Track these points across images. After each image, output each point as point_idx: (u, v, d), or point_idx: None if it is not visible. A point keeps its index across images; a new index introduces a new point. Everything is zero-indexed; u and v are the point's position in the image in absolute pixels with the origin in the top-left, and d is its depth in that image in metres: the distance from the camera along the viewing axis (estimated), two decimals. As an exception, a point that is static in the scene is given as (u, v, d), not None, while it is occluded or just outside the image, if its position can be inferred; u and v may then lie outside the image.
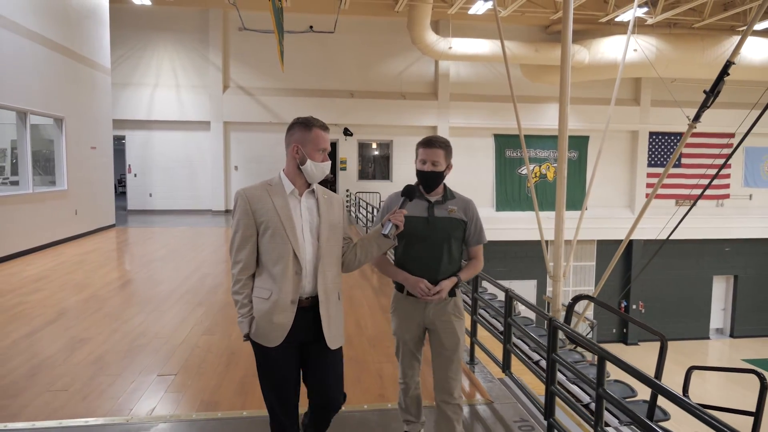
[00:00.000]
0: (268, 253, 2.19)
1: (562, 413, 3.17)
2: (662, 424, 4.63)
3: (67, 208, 10.13)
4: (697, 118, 6.09)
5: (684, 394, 4.67)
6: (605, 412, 4.43)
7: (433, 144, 2.52)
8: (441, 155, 2.50)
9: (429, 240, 2.50)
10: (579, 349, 5.55)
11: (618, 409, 2.84)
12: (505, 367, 3.53)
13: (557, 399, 2.81)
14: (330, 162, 2.30)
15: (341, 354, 2.34)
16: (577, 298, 4.41)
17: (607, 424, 4.22)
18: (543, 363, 4.10)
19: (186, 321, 5.20)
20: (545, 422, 2.78)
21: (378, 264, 2.63)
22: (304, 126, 2.23)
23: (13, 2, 8.39)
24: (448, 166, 2.56)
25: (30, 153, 8.90)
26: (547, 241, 10.02)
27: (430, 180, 2.52)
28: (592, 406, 4.25)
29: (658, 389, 2.68)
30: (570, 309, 4.41)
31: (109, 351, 4.34)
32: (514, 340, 5.19)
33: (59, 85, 9.89)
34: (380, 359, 4.20)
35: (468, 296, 4.41)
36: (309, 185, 2.28)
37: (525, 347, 5.04)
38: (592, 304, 8.69)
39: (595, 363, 5.98)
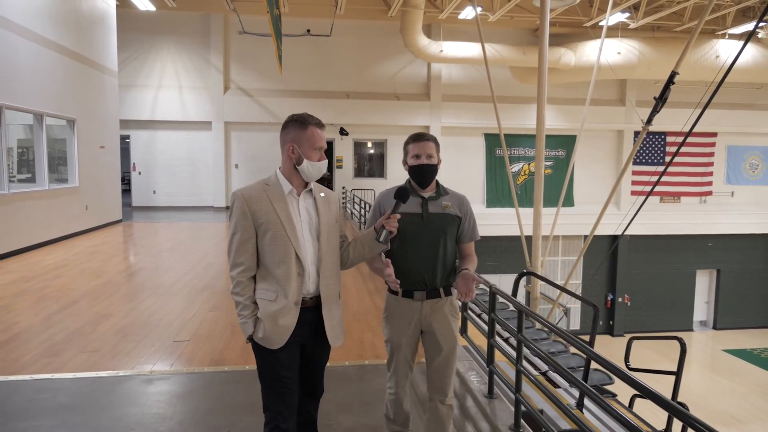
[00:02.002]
0: (270, 255, 2.15)
1: (503, 362, 3.87)
2: (607, 387, 5.37)
3: (78, 204, 10.83)
4: (649, 121, 6.78)
5: (625, 362, 5.39)
6: (559, 378, 5.16)
7: (425, 137, 2.50)
8: (433, 148, 2.47)
9: (424, 237, 2.43)
10: (538, 328, 6.27)
11: (539, 358, 3.52)
12: (464, 330, 4.23)
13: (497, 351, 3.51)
14: (327, 160, 2.28)
15: (329, 353, 2.39)
16: (522, 274, 5.12)
17: (557, 386, 4.96)
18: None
19: (194, 301, 5.91)
20: (487, 368, 3.48)
21: (372, 267, 2.54)
22: (299, 124, 2.18)
23: (31, 12, 9.07)
24: (439, 161, 2.53)
25: (46, 152, 9.59)
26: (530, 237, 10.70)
27: (427, 174, 2.46)
28: (541, 365, 4.97)
29: (584, 350, 3.40)
30: (516, 283, 5.12)
31: (130, 324, 5.04)
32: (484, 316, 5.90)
33: (71, 88, 10.57)
34: (362, 329, 4.91)
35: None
36: (307, 184, 2.26)
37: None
38: (566, 293, 9.42)
39: (558, 339, 6.73)
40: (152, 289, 6.44)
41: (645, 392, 2.26)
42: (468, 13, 15.58)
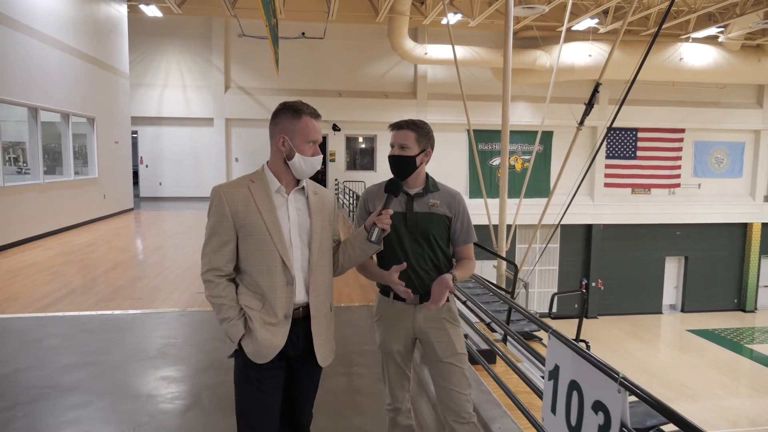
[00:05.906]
0: (253, 261, 1.91)
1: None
2: (536, 333, 6.80)
3: (98, 193, 12.17)
4: (581, 122, 8.15)
5: (549, 312, 6.81)
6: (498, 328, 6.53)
7: (403, 125, 2.27)
8: (411, 138, 2.24)
9: (408, 239, 2.22)
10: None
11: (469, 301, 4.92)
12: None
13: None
14: (321, 155, 2.03)
15: (319, 376, 2.11)
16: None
17: (494, 330, 6.37)
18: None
19: (208, 268, 7.28)
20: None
21: (360, 267, 2.30)
22: (292, 113, 1.96)
23: (59, 23, 10.38)
24: (424, 152, 2.27)
25: (72, 147, 10.93)
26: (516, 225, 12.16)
27: (399, 166, 2.26)
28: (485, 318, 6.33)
29: (501, 298, 4.79)
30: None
31: (161, 282, 6.44)
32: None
33: (91, 89, 11.89)
34: (340, 285, 6.30)
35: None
36: (298, 182, 2.01)
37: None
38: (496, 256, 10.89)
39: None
40: (173, 260, 7.82)
41: (540, 324, 3.47)
42: (449, 18, 16.91)
